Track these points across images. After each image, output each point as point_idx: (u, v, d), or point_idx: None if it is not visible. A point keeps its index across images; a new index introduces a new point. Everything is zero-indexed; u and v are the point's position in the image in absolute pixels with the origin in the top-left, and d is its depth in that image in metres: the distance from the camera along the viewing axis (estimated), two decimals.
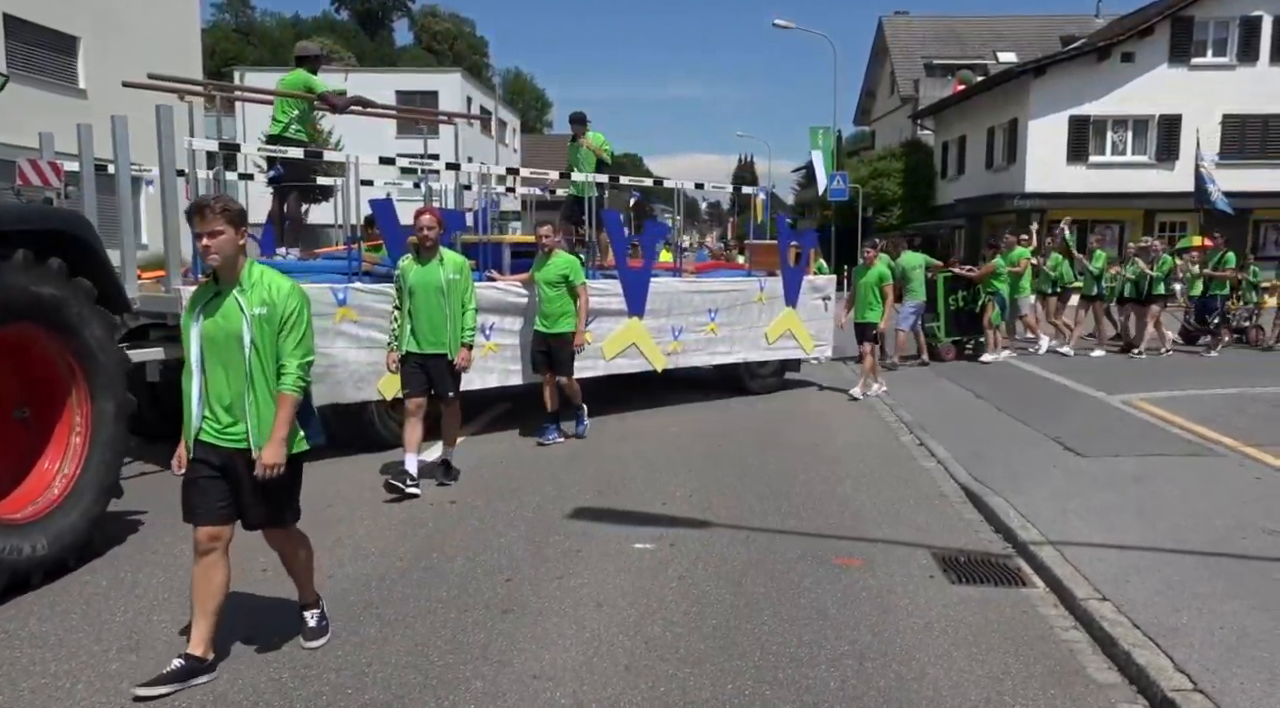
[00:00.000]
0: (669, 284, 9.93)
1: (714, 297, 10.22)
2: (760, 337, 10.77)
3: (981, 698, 3.67)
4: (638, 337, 9.42)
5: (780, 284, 10.98)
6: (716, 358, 10.44)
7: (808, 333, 11.33)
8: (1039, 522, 5.69)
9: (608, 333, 9.10)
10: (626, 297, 9.27)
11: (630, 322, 9.35)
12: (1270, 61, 27.61)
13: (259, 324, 3.65)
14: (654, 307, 9.53)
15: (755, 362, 11.00)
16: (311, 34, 70.81)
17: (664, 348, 9.71)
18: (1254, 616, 4.24)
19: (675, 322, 9.82)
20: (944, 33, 43.11)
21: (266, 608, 4.50)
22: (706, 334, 10.17)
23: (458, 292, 6.46)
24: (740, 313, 10.49)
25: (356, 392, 7.35)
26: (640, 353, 9.48)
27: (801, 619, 4.42)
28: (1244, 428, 8.50)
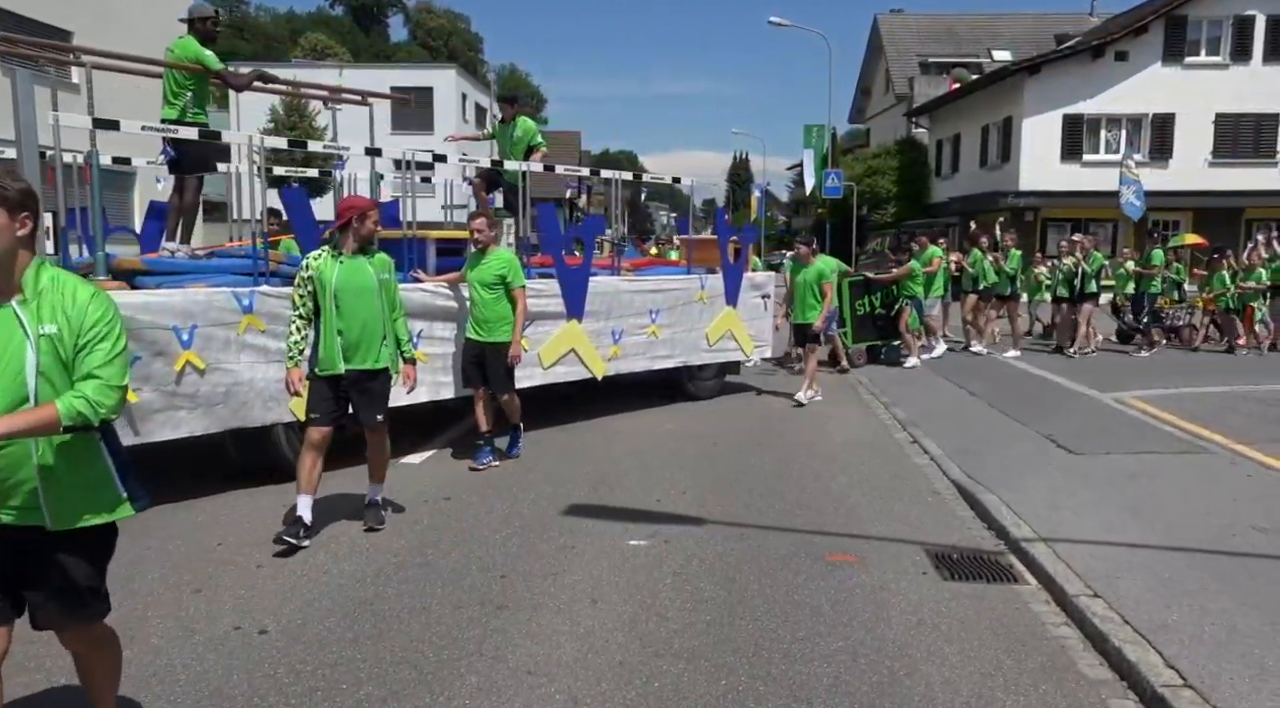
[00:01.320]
0: (609, 283, 9.17)
1: (655, 296, 9.53)
2: (701, 338, 10.15)
3: (973, 694, 3.70)
4: (577, 341, 8.64)
5: (721, 282, 10.38)
6: (657, 362, 9.68)
7: (748, 334, 10.77)
8: (1031, 519, 5.72)
9: (545, 338, 8.29)
10: (565, 298, 8.49)
11: (569, 325, 8.55)
12: (1263, 61, 27.70)
13: (48, 347, 2.59)
14: (593, 308, 8.79)
15: (696, 365, 10.36)
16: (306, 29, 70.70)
17: (604, 353, 8.96)
18: (1244, 612, 4.27)
19: (615, 324, 9.09)
20: (939, 31, 43.16)
21: (260, 605, 4.50)
22: (647, 337, 9.46)
23: (390, 295, 5.58)
24: (681, 313, 9.84)
25: (265, 413, 6.32)
26: (579, 359, 8.69)
27: (795, 616, 4.44)
28: (1236, 426, 8.54)
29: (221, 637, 4.13)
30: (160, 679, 3.73)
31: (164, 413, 5.78)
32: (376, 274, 5.47)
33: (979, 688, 3.75)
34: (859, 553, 5.35)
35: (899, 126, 41.06)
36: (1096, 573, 4.77)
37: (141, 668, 3.81)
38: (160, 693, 3.62)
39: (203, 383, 5.95)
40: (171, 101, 7.31)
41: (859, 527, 5.87)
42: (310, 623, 4.30)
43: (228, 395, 6.10)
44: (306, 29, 71.58)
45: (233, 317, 6.15)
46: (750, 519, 6.00)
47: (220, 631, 4.20)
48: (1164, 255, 14.91)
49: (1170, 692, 3.55)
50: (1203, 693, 3.53)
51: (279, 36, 73.71)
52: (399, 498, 6.41)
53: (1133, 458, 7.35)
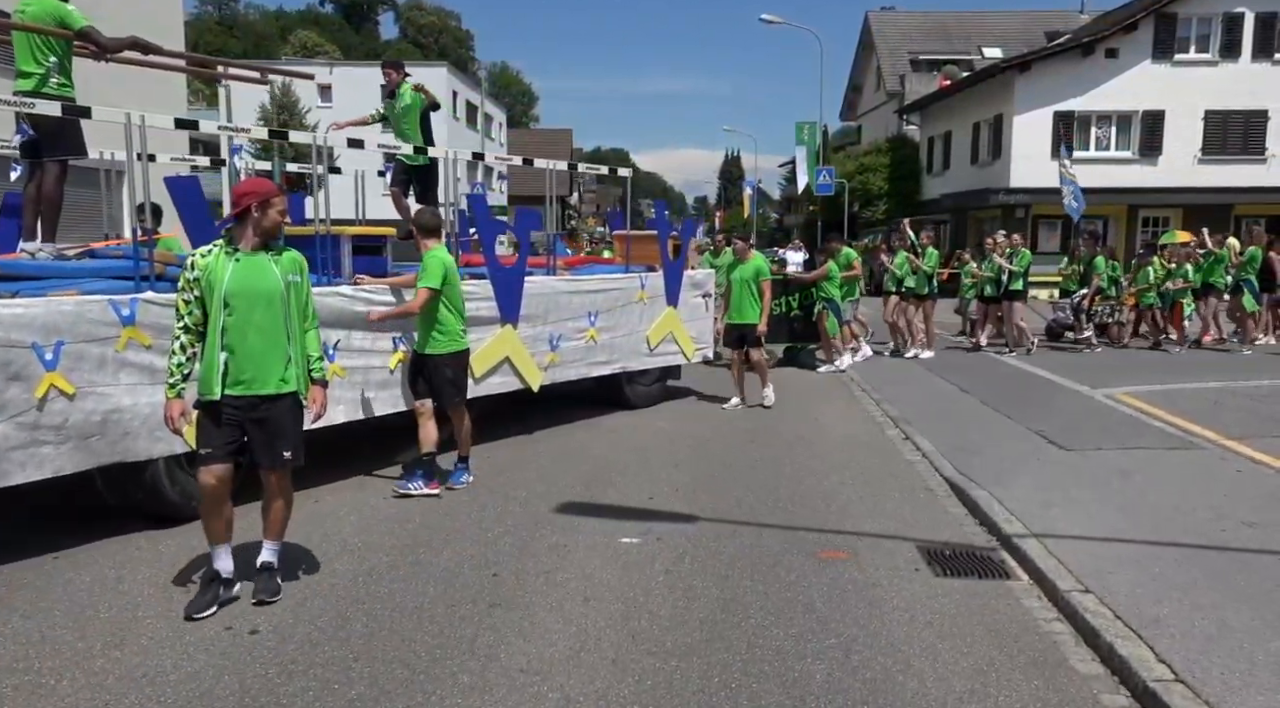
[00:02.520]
0: (545, 284, 8.35)
1: (594, 298, 8.78)
2: (642, 341, 9.45)
3: (966, 689, 3.71)
4: (511, 349, 7.81)
5: (661, 281, 9.70)
6: (596, 369, 8.92)
7: (688, 335, 10.12)
8: (1023, 515, 5.74)
9: (477, 346, 7.25)
10: (498, 300, 7.67)
11: (503, 331, 7.72)
12: (1252, 58, 27.81)
13: None
14: (529, 311, 7.98)
15: (636, 370, 9.64)
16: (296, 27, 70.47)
17: (540, 361, 8.15)
18: (1234, 607, 4.29)
19: (552, 328, 8.28)
20: (930, 28, 43.25)
21: (251, 605, 4.48)
22: (586, 342, 8.68)
23: (299, 302, 4.51)
24: (621, 315, 9.12)
25: (153, 444, 5.19)
26: (513, 369, 7.86)
27: (788, 613, 4.44)
28: (1225, 422, 8.58)
29: (212, 637, 4.11)
30: (151, 680, 3.71)
31: (24, 450, 4.75)
32: (283, 276, 4.41)
33: (972, 684, 3.75)
34: (852, 550, 5.35)
35: (890, 124, 41.11)
36: (1088, 569, 4.79)
37: (132, 669, 3.79)
38: (151, 694, 3.60)
39: (73, 411, 4.91)
40: (27, 72, 6.08)
41: (852, 524, 5.88)
42: (302, 623, 4.28)
43: (105, 425, 5.05)
44: (296, 27, 71.39)
45: (109, 330, 5.09)
46: (743, 516, 6.01)
47: (211, 631, 4.18)
48: (1104, 262, 14.84)
49: (1162, 687, 3.57)
50: (1194, 688, 3.55)
51: (269, 34, 73.48)
52: (392, 496, 6.40)
53: (1124, 454, 7.38)
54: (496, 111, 56.78)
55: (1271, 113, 27.87)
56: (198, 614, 4.27)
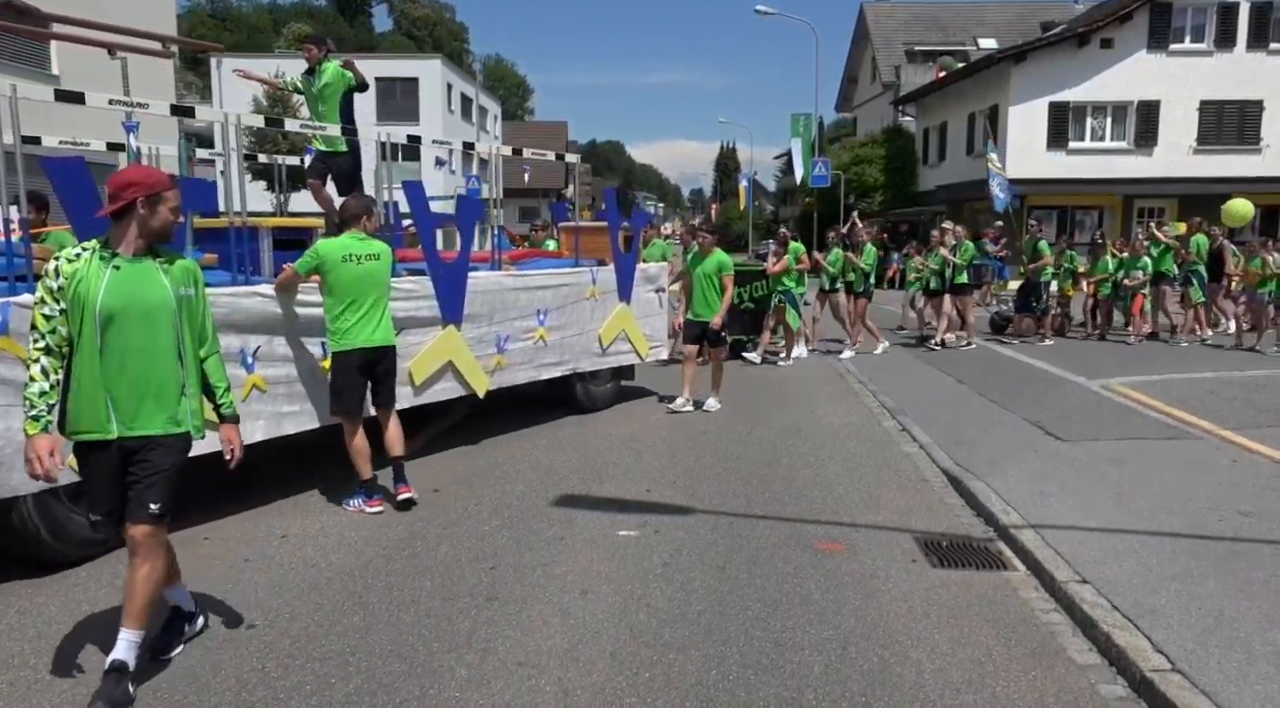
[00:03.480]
0: (491, 280, 7.66)
1: (543, 294, 8.15)
2: (594, 341, 8.87)
3: (963, 680, 3.71)
4: (455, 351, 7.15)
5: (612, 275, 9.11)
6: (547, 371, 8.31)
7: (642, 333, 9.51)
8: (1019, 505, 5.74)
9: (417, 349, 6.81)
10: (440, 299, 7.01)
11: (446, 332, 7.07)
12: (1247, 48, 27.82)
13: None
14: (474, 310, 7.34)
15: (588, 372, 9.04)
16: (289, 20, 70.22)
17: (486, 364, 7.52)
18: (1230, 596, 4.30)
19: (500, 328, 7.66)
20: (925, 19, 43.20)
21: (247, 599, 4.47)
22: (535, 342, 8.07)
23: (194, 320, 3.69)
24: (572, 313, 8.52)
25: (31, 478, 3.53)
26: (457, 373, 7.23)
27: (785, 605, 4.44)
28: (1220, 412, 8.60)
29: (208, 632, 4.10)
30: (147, 675, 3.69)
31: None
32: (174, 288, 3.57)
33: (969, 675, 3.76)
34: (848, 541, 5.35)
35: (886, 115, 41.10)
36: (1085, 559, 4.79)
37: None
38: (147, 689, 3.58)
39: None
40: None
41: (848, 515, 5.88)
42: (298, 617, 4.27)
43: None
44: (290, 19, 71.09)
45: None
46: (739, 508, 6.00)
47: (207, 626, 4.16)
48: (1049, 247, 14.65)
49: (1159, 676, 3.57)
50: (1191, 677, 3.55)
51: (262, 27, 73.19)
52: (389, 489, 6.38)
53: (1119, 444, 7.39)
54: (491, 105, 56.61)
55: (1266, 103, 27.93)
56: (164, 655, 3.82)
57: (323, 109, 8.16)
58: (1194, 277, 14.13)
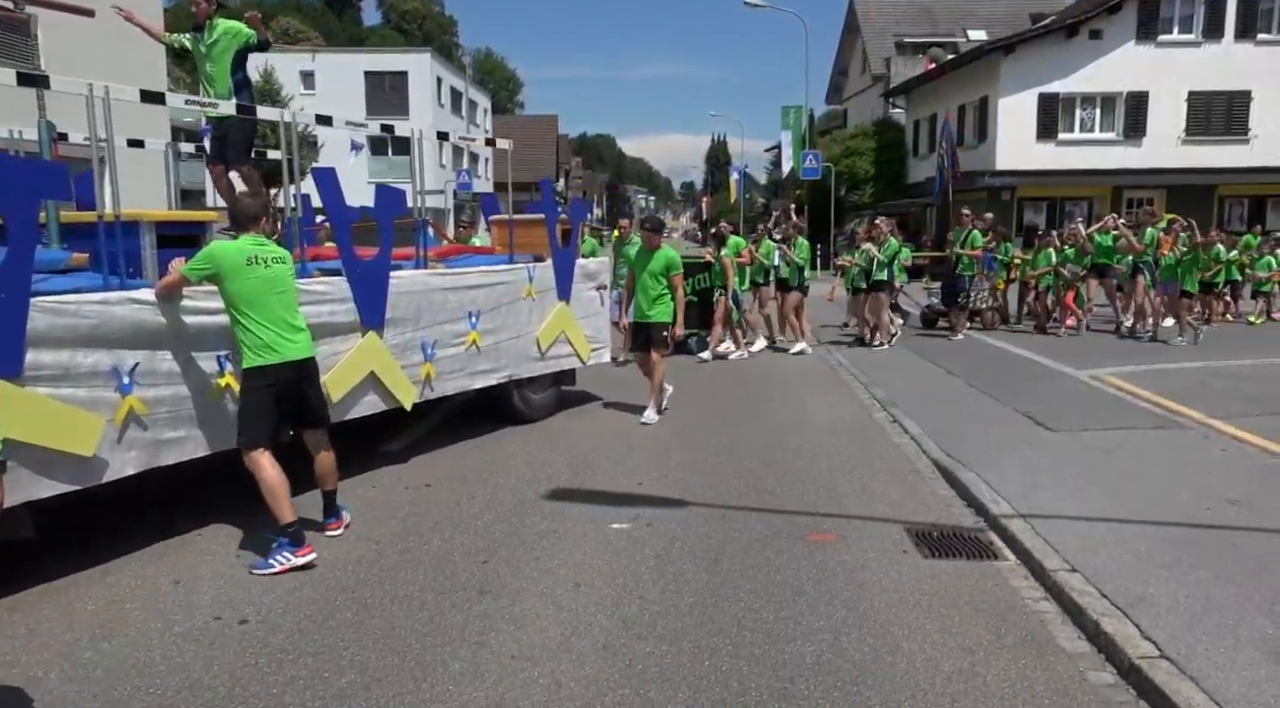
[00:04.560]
0: (416, 280, 6.91)
1: (475, 294, 7.39)
2: (531, 344, 8.12)
3: (954, 669, 3.73)
4: (377, 360, 6.39)
5: (550, 273, 8.38)
6: (480, 379, 7.56)
7: (583, 334, 8.81)
8: (1010, 496, 5.77)
9: (334, 360, 6.04)
10: (358, 302, 6.25)
11: (366, 339, 6.31)
12: (1235, 38, 27.91)
13: None
14: (397, 314, 6.60)
15: (526, 378, 8.26)
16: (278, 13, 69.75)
17: (413, 374, 6.77)
18: (1218, 584, 4.33)
19: (426, 333, 6.91)
20: (915, 11, 43.16)
21: (240, 595, 4.47)
22: (467, 348, 7.32)
23: None
24: (507, 314, 7.78)
25: None
26: (380, 386, 6.46)
27: (777, 596, 4.46)
28: (1209, 402, 8.64)
29: (201, 627, 4.10)
30: (140, 672, 3.70)
31: None
32: None
33: (960, 664, 3.78)
34: (840, 532, 5.37)
35: (876, 107, 41.09)
36: (1074, 548, 4.82)
37: (120, 660, 3.78)
38: (140, 685, 3.59)
39: None
40: None
41: (840, 506, 5.90)
42: (291, 612, 4.28)
43: None
44: (278, 13, 70.61)
45: None
46: (731, 501, 6.02)
47: (200, 621, 4.17)
48: (983, 238, 14.15)
49: (1147, 663, 3.60)
50: (1179, 664, 3.58)
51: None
52: (380, 485, 6.39)
53: (1109, 434, 7.43)
54: (481, 98, 56.44)
55: (1254, 93, 28.01)
56: None
57: (211, 69, 7.15)
58: (1145, 268, 13.93)
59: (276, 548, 4.84)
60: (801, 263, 13.04)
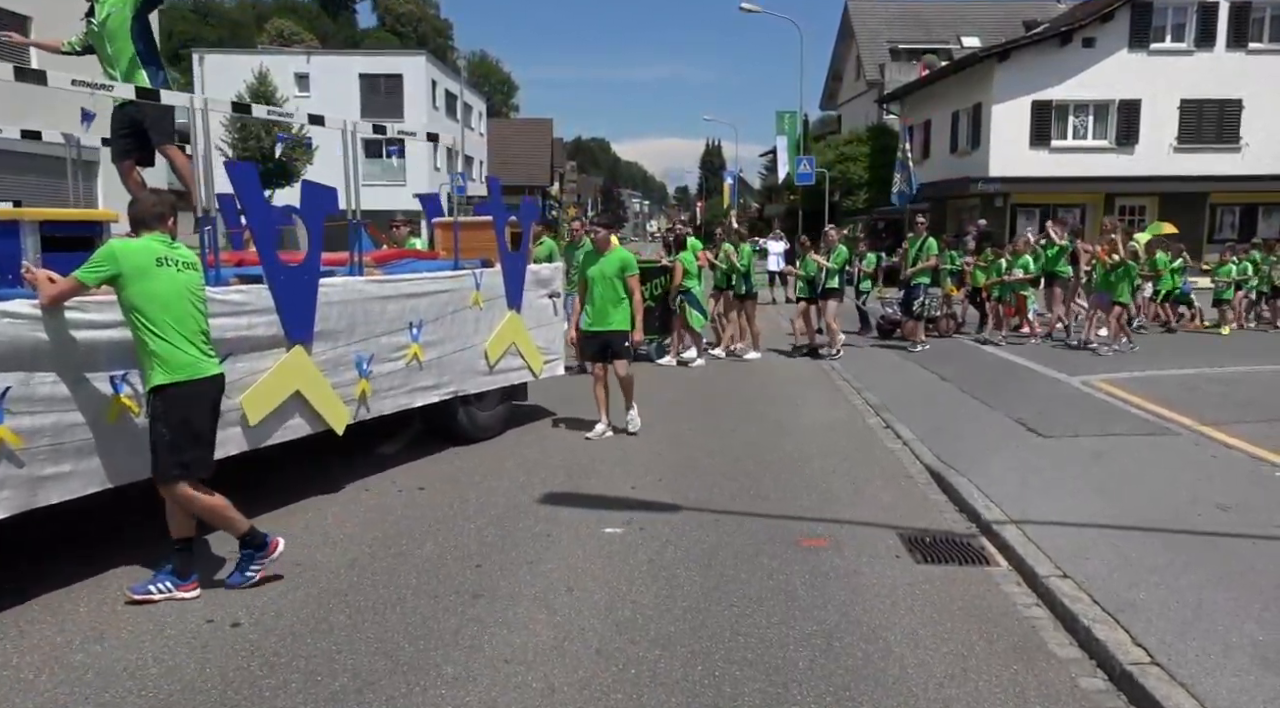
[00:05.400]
0: (350, 288, 6.21)
1: (416, 303, 6.74)
2: (479, 357, 7.48)
3: (946, 674, 3.74)
4: (303, 378, 5.72)
5: (499, 279, 7.73)
6: (423, 396, 6.91)
7: (535, 345, 8.18)
8: (1002, 501, 5.79)
9: (253, 379, 5.37)
10: (281, 313, 5.56)
11: (291, 355, 5.63)
12: (1227, 47, 28.05)
13: None
14: (328, 326, 5.93)
15: (474, 393, 7.60)
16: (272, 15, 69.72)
17: (346, 393, 6.11)
18: (1209, 589, 4.35)
19: (361, 347, 6.24)
20: (909, 17, 43.35)
21: (233, 598, 4.46)
22: (407, 363, 6.67)
23: None
24: (452, 324, 7.14)
25: None
26: (307, 406, 5.79)
27: (770, 600, 4.47)
28: (1200, 407, 8.68)
29: (194, 630, 4.09)
30: (132, 674, 3.69)
31: None
32: None
33: (952, 669, 3.79)
34: (833, 537, 5.38)
35: (870, 113, 41.21)
36: (1066, 554, 4.84)
37: (113, 663, 3.77)
38: (132, 688, 3.58)
39: None
40: None
41: (832, 511, 5.91)
42: (284, 615, 4.27)
43: None
44: (272, 15, 70.58)
45: None
46: (724, 505, 6.03)
47: (192, 624, 4.16)
48: (938, 245, 14.04)
49: (1138, 669, 3.62)
50: (1169, 670, 3.60)
51: (245, 22, 72.63)
52: (373, 487, 6.39)
53: (1100, 440, 7.46)
54: (476, 101, 56.44)
55: (1246, 102, 28.16)
56: None
57: (111, 51, 6.22)
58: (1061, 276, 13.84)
59: (246, 558, 4.60)
60: (744, 269, 12.78)
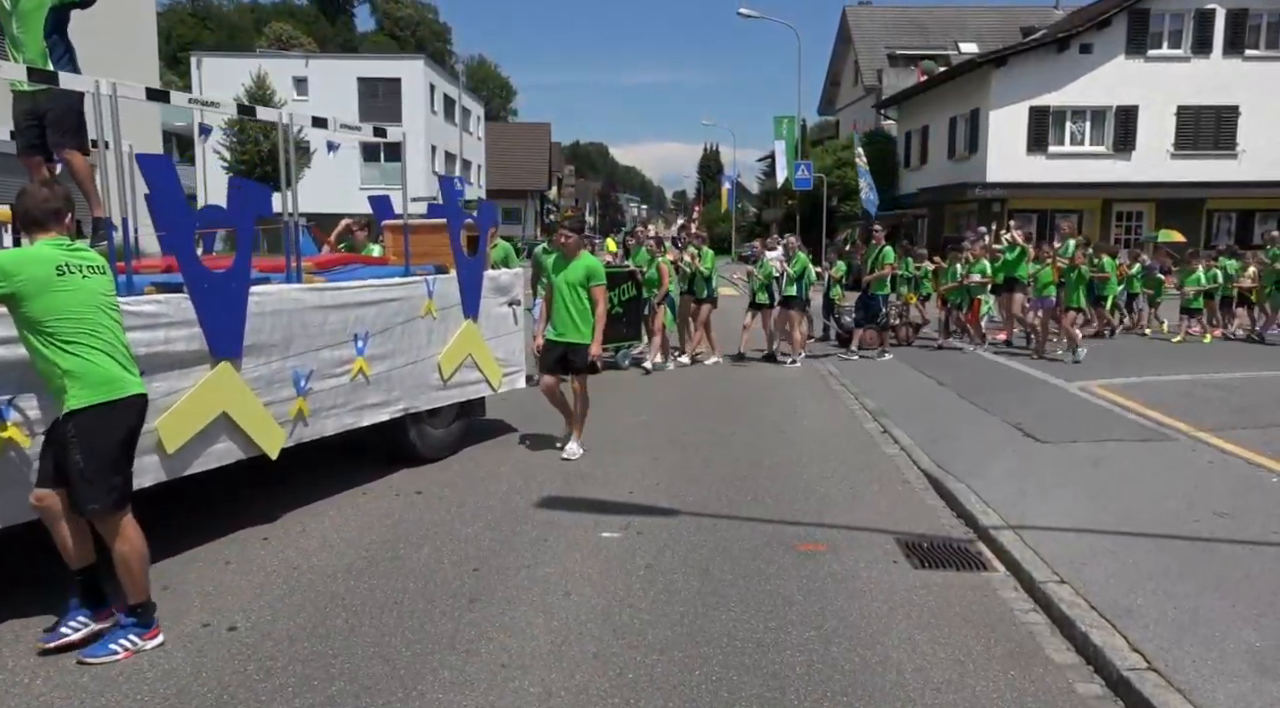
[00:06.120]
0: (285, 296, 5.60)
1: (362, 313, 6.17)
2: (432, 370, 6.92)
3: (944, 680, 3.74)
4: (230, 398, 5.14)
5: (454, 286, 7.15)
6: (370, 414, 6.34)
7: (493, 357, 7.59)
8: (999, 506, 5.80)
9: (171, 400, 4.79)
10: (204, 325, 4.94)
11: (216, 372, 5.04)
12: (1223, 54, 28.15)
13: None
14: (260, 339, 5.35)
15: (427, 410, 7.02)
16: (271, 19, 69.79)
17: (280, 412, 5.52)
18: (1205, 596, 4.36)
19: (299, 362, 5.66)
20: (906, 23, 43.48)
21: (229, 602, 4.45)
22: (352, 378, 6.11)
23: None
24: (402, 336, 6.58)
25: None
26: (235, 430, 5.21)
27: (767, 605, 4.46)
28: (1198, 413, 8.69)
29: (190, 634, 4.09)
30: (128, 678, 3.68)
31: None
32: None
33: (949, 674, 3.79)
34: (831, 542, 5.38)
35: (868, 118, 41.29)
36: (1063, 559, 4.84)
37: (108, 667, 3.76)
38: (128, 692, 3.57)
39: None
40: None
41: (830, 516, 5.91)
42: (280, 619, 4.26)
43: None
44: (271, 18, 70.67)
45: None
46: (722, 510, 6.03)
47: (188, 628, 4.15)
48: (894, 253, 13.73)
49: (1136, 675, 3.62)
50: (1167, 676, 3.60)
51: (243, 26, 72.70)
52: (370, 492, 6.38)
53: (1098, 446, 7.46)
54: (474, 105, 56.51)
55: (1242, 108, 28.25)
56: None
57: (19, 31, 5.58)
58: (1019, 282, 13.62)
59: (124, 628, 3.94)
60: (707, 273, 12.63)
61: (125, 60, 8.34)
